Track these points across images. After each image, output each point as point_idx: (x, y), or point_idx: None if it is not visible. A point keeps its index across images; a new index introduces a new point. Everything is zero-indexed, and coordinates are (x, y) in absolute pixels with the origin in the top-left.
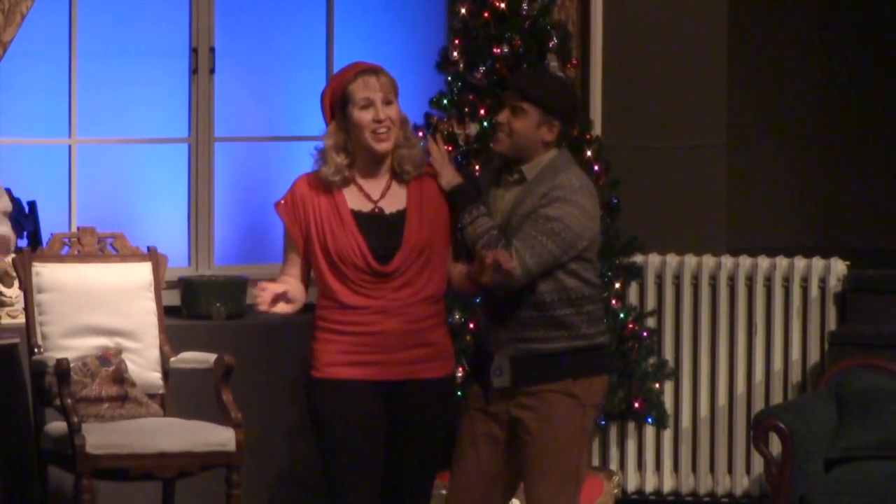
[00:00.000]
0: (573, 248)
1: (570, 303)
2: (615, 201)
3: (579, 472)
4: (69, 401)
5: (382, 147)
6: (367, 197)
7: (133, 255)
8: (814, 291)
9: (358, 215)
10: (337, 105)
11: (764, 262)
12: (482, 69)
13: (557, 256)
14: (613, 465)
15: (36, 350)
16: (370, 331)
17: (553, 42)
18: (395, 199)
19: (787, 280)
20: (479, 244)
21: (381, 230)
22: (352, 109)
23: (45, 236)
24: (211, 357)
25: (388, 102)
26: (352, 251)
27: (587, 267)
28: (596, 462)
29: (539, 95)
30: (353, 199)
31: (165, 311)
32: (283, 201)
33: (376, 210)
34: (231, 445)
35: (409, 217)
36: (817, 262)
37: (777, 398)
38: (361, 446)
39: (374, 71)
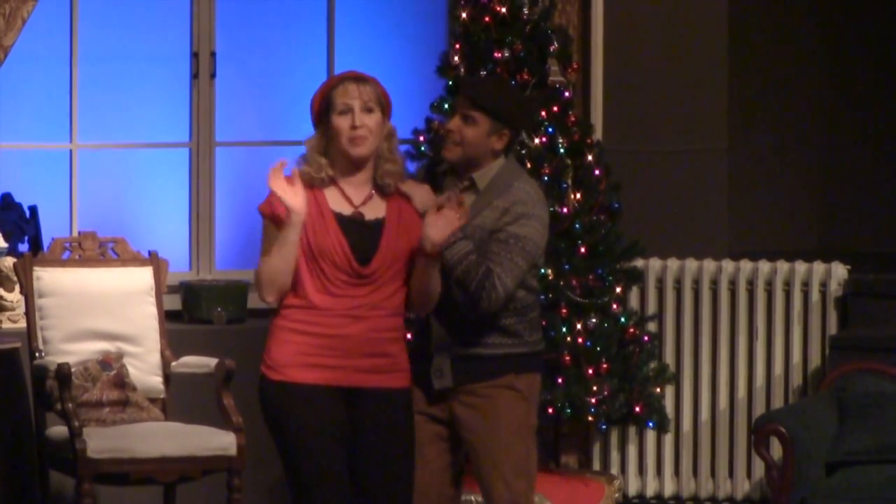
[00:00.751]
0: (539, 260)
1: (517, 311)
2: (616, 205)
3: (529, 466)
4: (70, 405)
5: (357, 151)
6: (349, 201)
7: (134, 260)
8: (815, 296)
9: (339, 216)
10: (322, 112)
11: (765, 266)
12: (483, 74)
13: (527, 270)
14: (614, 470)
15: (37, 354)
16: (332, 333)
17: (554, 46)
18: (375, 209)
19: (787, 284)
20: (459, 270)
21: (360, 233)
22: (332, 115)
23: (46, 241)
24: (212, 361)
25: (367, 110)
26: (333, 249)
27: (534, 273)
28: (597, 466)
29: (490, 105)
30: (334, 201)
31: (166, 316)
32: (267, 202)
33: (357, 214)
34: (232, 450)
35: (387, 226)
36: (818, 267)
37: (778, 402)
38: (322, 451)
39: (358, 79)
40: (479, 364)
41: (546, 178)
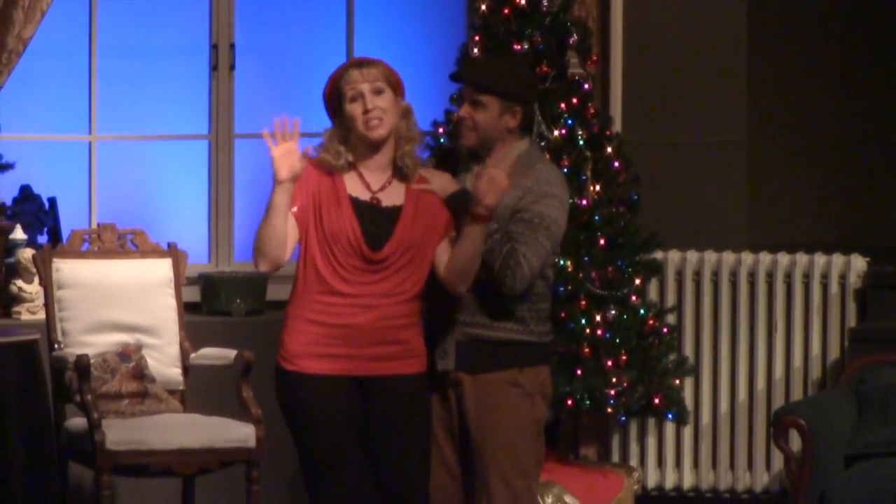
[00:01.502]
0: (559, 241)
1: (526, 298)
2: (635, 197)
3: (532, 463)
4: (89, 397)
5: (376, 134)
6: (367, 186)
7: (153, 252)
8: (834, 288)
9: (355, 201)
10: (335, 104)
11: (784, 258)
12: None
13: (551, 253)
14: (633, 462)
15: (56, 346)
16: (342, 322)
17: (573, 39)
18: (393, 195)
19: (807, 276)
20: (483, 249)
21: (375, 219)
22: (345, 105)
23: (65, 233)
24: (231, 353)
25: (377, 92)
26: (345, 233)
27: (551, 261)
28: (616, 458)
29: (496, 86)
30: (352, 186)
31: (185, 308)
32: None
33: (374, 200)
34: (251, 442)
35: (404, 213)
36: (837, 259)
37: (797, 395)
38: (336, 442)
39: (360, 63)
40: (483, 349)
41: (565, 170)
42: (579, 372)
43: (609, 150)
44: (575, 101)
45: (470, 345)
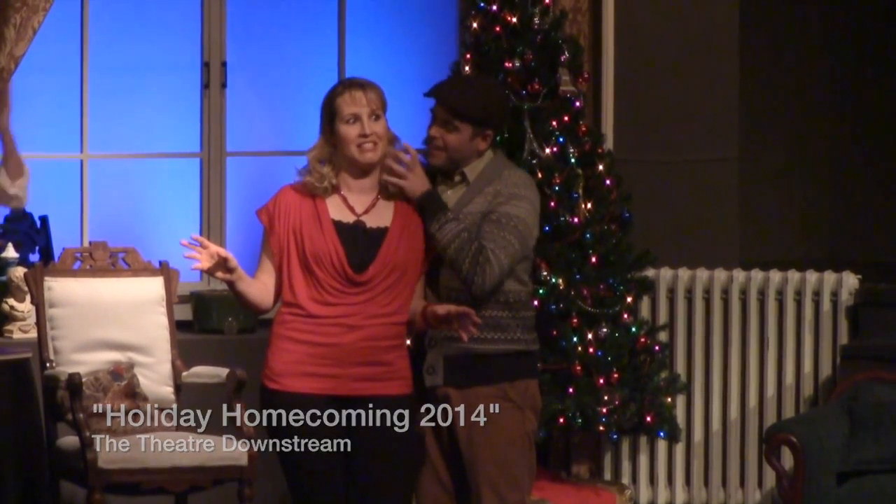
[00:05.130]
0: (530, 244)
1: (507, 305)
2: (627, 215)
3: (524, 476)
4: (81, 415)
5: (368, 158)
6: (351, 210)
7: (145, 270)
8: (825, 305)
9: (338, 225)
10: (325, 119)
11: (776, 275)
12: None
13: (520, 252)
14: (625, 479)
15: (48, 364)
16: (326, 342)
17: (565, 56)
18: (379, 216)
19: (798, 294)
20: (452, 248)
21: (359, 241)
22: (338, 124)
23: (56, 251)
24: (223, 371)
25: (375, 118)
26: (328, 255)
27: (526, 266)
28: (608, 476)
29: (471, 112)
30: (335, 210)
31: (177, 326)
32: (265, 207)
33: (358, 223)
34: (243, 460)
35: (390, 234)
36: (829, 276)
37: (789, 412)
38: (315, 461)
39: (363, 85)
40: (471, 364)
41: (557, 187)
42: (571, 390)
43: (601, 167)
44: (566, 118)
45: (458, 359)
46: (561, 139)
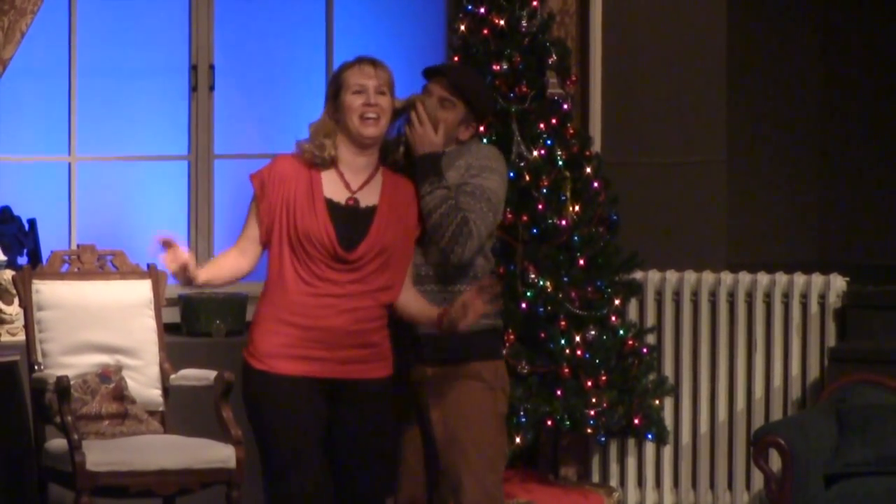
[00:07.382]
0: (499, 217)
1: (476, 280)
2: (615, 217)
3: (499, 457)
4: (69, 418)
5: (369, 132)
6: (347, 186)
7: (133, 273)
8: (813, 307)
9: (331, 204)
10: (331, 92)
11: (763, 278)
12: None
13: (493, 225)
14: (613, 482)
15: (36, 367)
16: (317, 325)
17: (552, 59)
18: (371, 194)
19: (786, 296)
20: (438, 213)
21: (350, 220)
22: (344, 95)
23: (45, 254)
24: (211, 374)
25: (380, 92)
26: (318, 234)
27: (493, 242)
28: (596, 478)
29: (471, 94)
30: (330, 187)
31: (165, 329)
32: (259, 173)
33: (351, 201)
34: (231, 462)
35: (378, 213)
36: (817, 279)
37: (777, 414)
38: (298, 444)
39: (373, 62)
40: (442, 342)
41: (545, 190)
42: (559, 392)
43: (588, 170)
44: (554, 121)
45: (428, 337)
46: (549, 142)
